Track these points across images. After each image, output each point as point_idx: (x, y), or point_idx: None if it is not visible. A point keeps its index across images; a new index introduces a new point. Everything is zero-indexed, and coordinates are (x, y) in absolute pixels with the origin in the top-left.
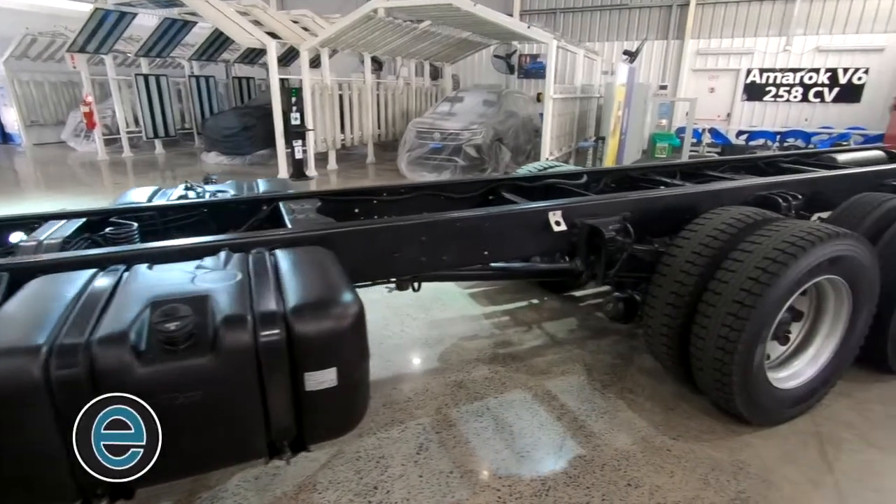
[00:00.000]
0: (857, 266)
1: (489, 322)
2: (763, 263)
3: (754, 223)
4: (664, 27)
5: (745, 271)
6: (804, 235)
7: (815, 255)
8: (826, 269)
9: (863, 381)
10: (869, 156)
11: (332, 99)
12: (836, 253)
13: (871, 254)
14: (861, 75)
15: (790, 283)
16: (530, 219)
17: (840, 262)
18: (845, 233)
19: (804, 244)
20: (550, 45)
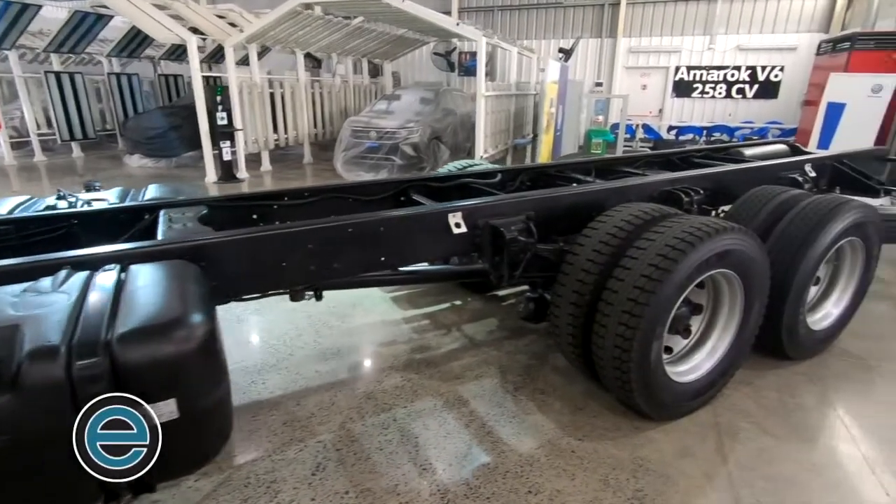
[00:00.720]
0: (746, 259)
1: (409, 327)
2: (655, 260)
3: (651, 220)
4: (598, 26)
5: (639, 269)
6: (693, 231)
7: (704, 250)
8: (715, 264)
9: (761, 369)
10: (773, 150)
11: (262, 97)
12: (725, 247)
13: (759, 247)
14: (777, 73)
15: (681, 279)
16: (429, 221)
17: (729, 257)
18: (732, 227)
19: (693, 240)
20: (480, 42)
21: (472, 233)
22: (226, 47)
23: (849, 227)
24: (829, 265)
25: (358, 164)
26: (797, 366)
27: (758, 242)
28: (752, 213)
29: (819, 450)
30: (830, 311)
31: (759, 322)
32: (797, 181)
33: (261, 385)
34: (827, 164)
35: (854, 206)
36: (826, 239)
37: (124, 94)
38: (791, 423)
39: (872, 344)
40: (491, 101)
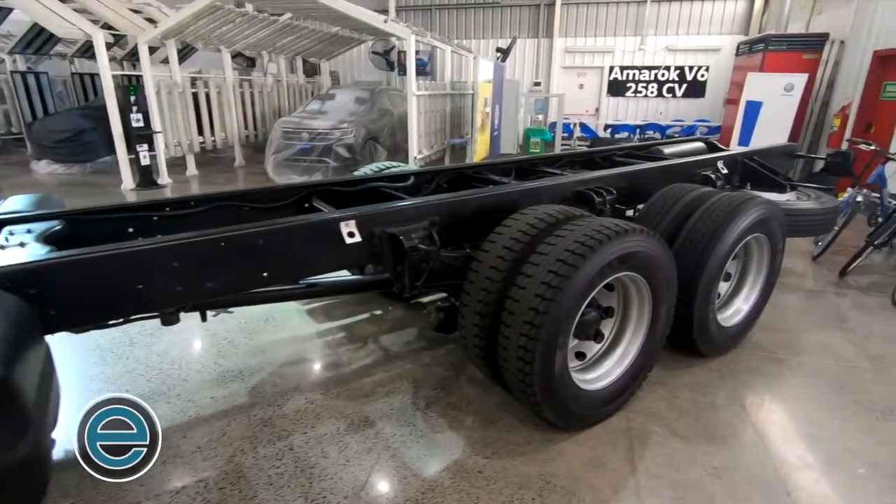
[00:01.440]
0: (650, 261)
1: (321, 341)
2: (554, 266)
3: (554, 223)
4: (534, 26)
5: (539, 276)
6: (593, 235)
7: (604, 254)
8: (618, 268)
9: (676, 368)
10: (691, 147)
11: (184, 98)
12: (626, 250)
13: (663, 247)
14: (704, 73)
15: (582, 286)
16: (318, 232)
17: (632, 259)
18: (633, 229)
19: (592, 244)
20: (409, 40)
21: (370, 242)
22: (139, 44)
23: (753, 224)
24: (739, 261)
25: (290, 166)
26: (711, 363)
27: (661, 243)
28: (663, 211)
29: (725, 452)
30: (741, 308)
31: (669, 323)
32: (710, 178)
33: None
34: (738, 160)
35: (758, 203)
36: (731, 236)
37: (32, 95)
38: (701, 423)
39: (782, 337)
40: (424, 100)
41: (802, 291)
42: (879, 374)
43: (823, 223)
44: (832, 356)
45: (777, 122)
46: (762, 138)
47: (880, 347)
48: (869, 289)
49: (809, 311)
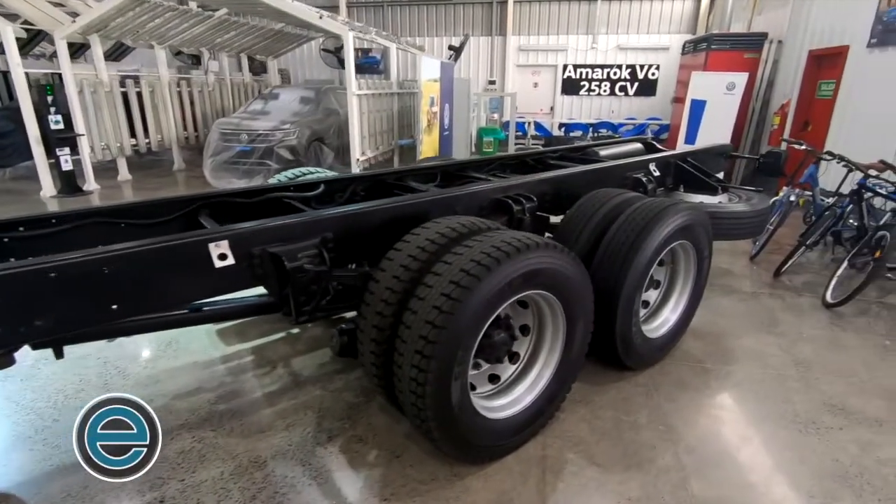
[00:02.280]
0: (560, 277)
1: (225, 367)
2: (447, 289)
3: (458, 237)
4: (487, 23)
5: (432, 299)
6: (491, 252)
7: (504, 273)
8: (522, 287)
9: (603, 383)
10: (628, 149)
11: (111, 97)
12: (530, 267)
13: (574, 262)
14: (654, 71)
15: (478, 309)
16: (180, 255)
17: (538, 277)
18: (538, 244)
19: (490, 263)
20: (346, 36)
21: (249, 263)
22: (56, 39)
23: (675, 231)
24: (667, 268)
25: (229, 169)
26: (638, 376)
27: (571, 258)
28: (584, 220)
29: (641, 479)
30: (668, 318)
31: (587, 341)
32: (641, 181)
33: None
34: (671, 162)
35: (680, 209)
36: (652, 245)
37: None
38: (621, 447)
39: (713, 344)
40: (368, 100)
41: (737, 294)
42: (804, 381)
43: (754, 225)
44: (760, 364)
45: (721, 120)
46: (707, 137)
47: (807, 352)
48: (802, 289)
49: (742, 315)
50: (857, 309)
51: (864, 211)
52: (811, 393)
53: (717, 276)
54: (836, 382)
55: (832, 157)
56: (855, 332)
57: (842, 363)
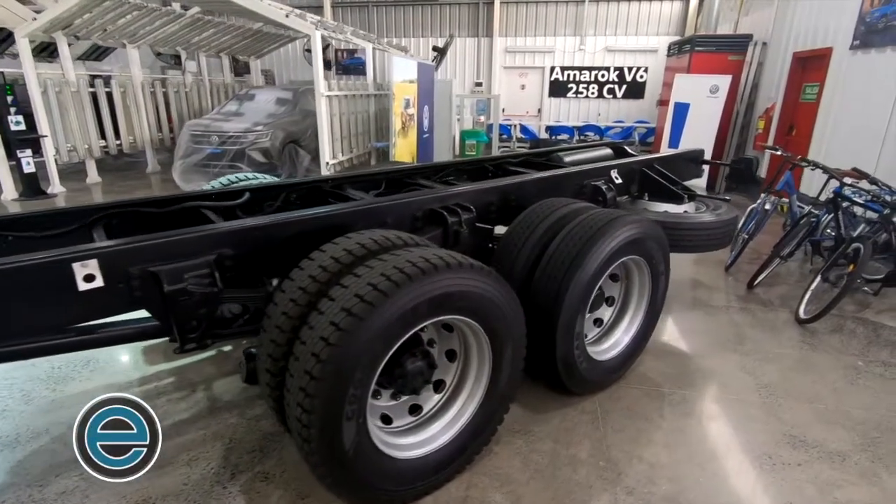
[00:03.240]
0: (480, 301)
1: (141, 390)
2: (338, 317)
3: (366, 255)
4: (474, 24)
5: (320, 329)
6: (392, 275)
7: (407, 298)
8: (431, 313)
9: (546, 410)
10: (597, 154)
11: (79, 97)
12: (440, 291)
13: (498, 283)
14: (643, 74)
15: (374, 342)
16: (37, 276)
17: (453, 301)
18: (451, 264)
19: (387, 287)
20: (314, 35)
21: (127, 284)
22: (17, 37)
23: (622, 247)
24: (622, 284)
25: (199, 172)
26: (586, 402)
27: (495, 279)
28: (526, 233)
29: None
30: (620, 339)
31: (518, 369)
32: (600, 190)
33: None
34: (636, 169)
35: (628, 221)
36: (594, 262)
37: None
38: (553, 487)
39: (673, 364)
40: (340, 101)
41: (706, 307)
42: (766, 408)
43: (719, 237)
44: (721, 388)
45: (704, 124)
46: (691, 140)
47: (773, 374)
48: (775, 303)
49: (708, 332)
50: (831, 325)
51: (841, 220)
52: (771, 422)
53: (687, 288)
54: (799, 409)
55: (807, 163)
56: (826, 351)
57: (808, 387)
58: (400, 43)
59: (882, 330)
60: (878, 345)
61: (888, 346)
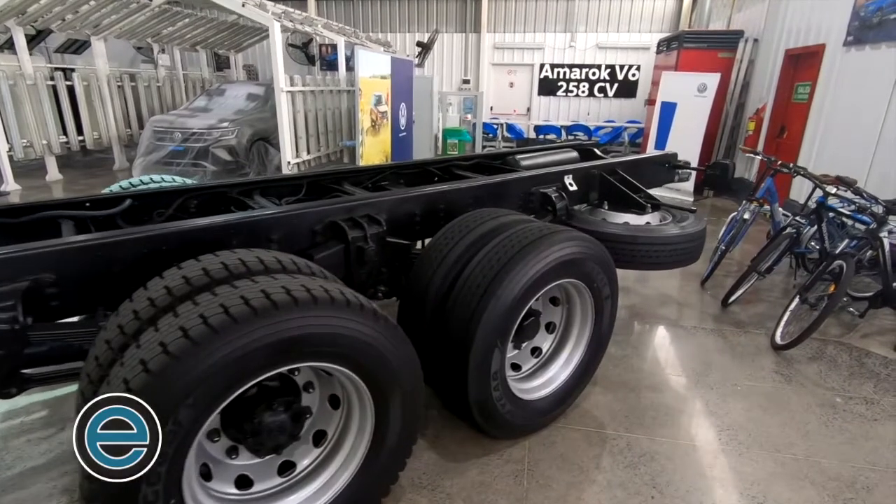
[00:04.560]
0: (355, 345)
1: (5, 426)
2: (150, 354)
3: (207, 285)
4: (461, 19)
5: (127, 368)
6: (210, 317)
7: (243, 341)
8: (284, 359)
9: (464, 459)
10: (560, 157)
11: (36, 91)
12: (290, 333)
13: (376, 320)
14: (635, 72)
15: (195, 391)
16: None
17: (311, 344)
18: (325, 299)
19: (199, 334)
20: (272, 27)
21: None
22: None
23: (552, 269)
24: (563, 309)
25: (161, 170)
26: (514, 448)
27: (369, 315)
28: (445, 251)
29: None
30: (557, 375)
31: (413, 422)
32: (549, 198)
33: None
34: (595, 174)
35: (561, 240)
36: (514, 288)
37: None
38: None
39: (622, 399)
40: (307, 97)
41: (673, 328)
42: (724, 459)
43: (684, 252)
44: (674, 429)
45: (692, 124)
46: (678, 141)
47: (737, 413)
48: (751, 324)
49: (670, 358)
50: (810, 351)
51: (825, 233)
52: (729, 477)
53: (655, 304)
54: (764, 460)
55: (788, 168)
56: (802, 383)
57: (777, 430)
58: (385, 38)
59: (867, 358)
60: (860, 376)
61: (872, 379)
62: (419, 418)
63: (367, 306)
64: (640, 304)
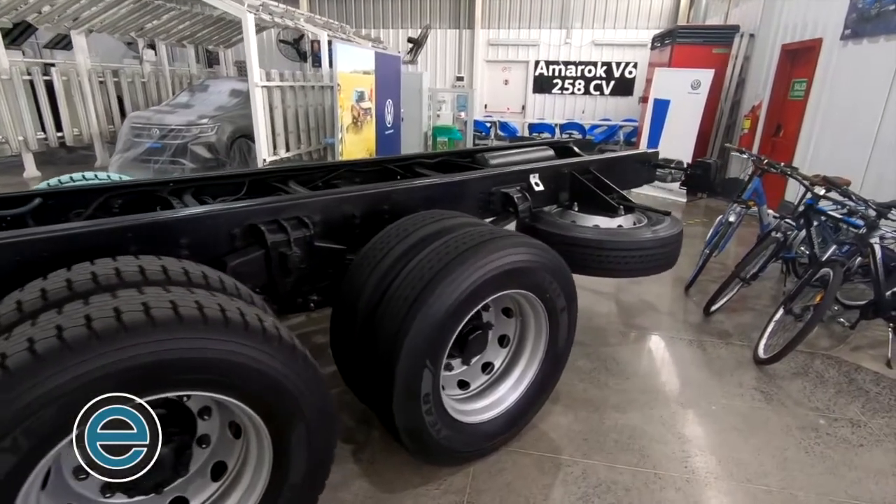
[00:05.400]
0: (242, 372)
1: None
2: None
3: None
4: (455, 16)
5: None
6: (36, 338)
7: (88, 367)
8: (150, 385)
9: (401, 489)
10: (533, 156)
11: (11, 86)
12: (152, 359)
13: (265, 339)
14: (632, 69)
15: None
16: None
17: (177, 372)
18: (217, 320)
19: (45, 348)
20: (245, 18)
21: None
22: None
23: (493, 279)
24: (516, 322)
25: (138, 168)
26: (457, 475)
27: (255, 333)
28: (380, 255)
29: None
30: (504, 397)
31: (330, 449)
32: (511, 198)
33: None
34: (565, 173)
35: (508, 246)
36: (446, 300)
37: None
38: None
39: (584, 419)
40: (286, 92)
41: (649, 338)
42: (687, 491)
43: (656, 259)
44: (636, 457)
45: (685, 122)
46: (670, 140)
47: (709, 437)
48: (733, 335)
49: (641, 373)
50: (795, 366)
51: (814, 238)
52: None
53: (633, 312)
54: (733, 493)
55: (776, 168)
56: (783, 402)
57: (751, 457)
58: (378, 35)
59: (857, 373)
60: (848, 394)
61: (860, 397)
62: (330, 451)
63: (253, 325)
64: (617, 311)
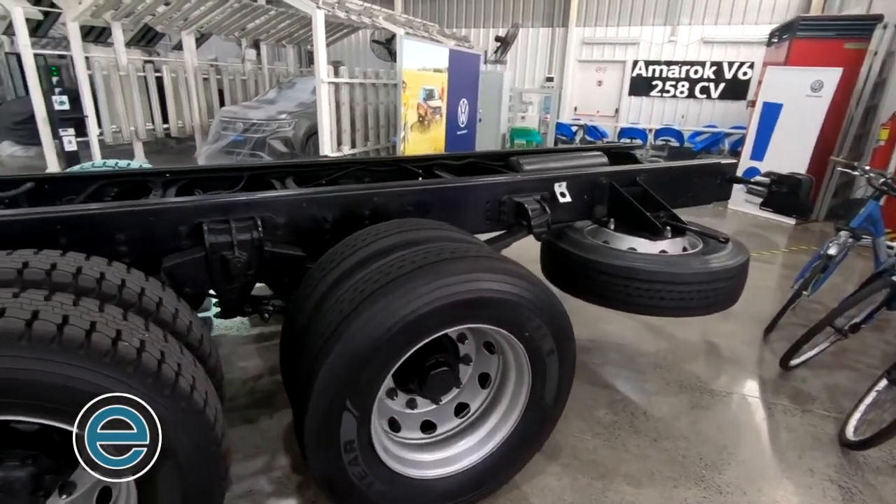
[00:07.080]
0: None
1: None
2: None
3: None
4: (549, 13)
5: None
6: None
7: None
8: None
9: None
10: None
11: (127, 81)
12: None
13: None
14: (746, 70)
15: None
16: None
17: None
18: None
19: None
20: (315, 15)
21: None
22: (67, 20)
23: (450, 307)
24: (498, 359)
25: (224, 159)
26: None
27: (123, 363)
28: (328, 269)
29: None
30: (473, 448)
31: (220, 493)
32: (524, 209)
33: None
34: (603, 183)
35: (472, 270)
36: (375, 332)
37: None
38: None
39: (583, 489)
40: (354, 89)
41: (698, 392)
42: None
43: (703, 297)
44: None
45: (799, 131)
46: (780, 151)
47: None
48: (816, 399)
49: (673, 436)
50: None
51: None
52: None
53: (688, 356)
54: None
55: (893, 190)
56: None
57: None
58: (468, 34)
59: None
60: None
61: None
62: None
63: (133, 358)
64: (668, 350)
